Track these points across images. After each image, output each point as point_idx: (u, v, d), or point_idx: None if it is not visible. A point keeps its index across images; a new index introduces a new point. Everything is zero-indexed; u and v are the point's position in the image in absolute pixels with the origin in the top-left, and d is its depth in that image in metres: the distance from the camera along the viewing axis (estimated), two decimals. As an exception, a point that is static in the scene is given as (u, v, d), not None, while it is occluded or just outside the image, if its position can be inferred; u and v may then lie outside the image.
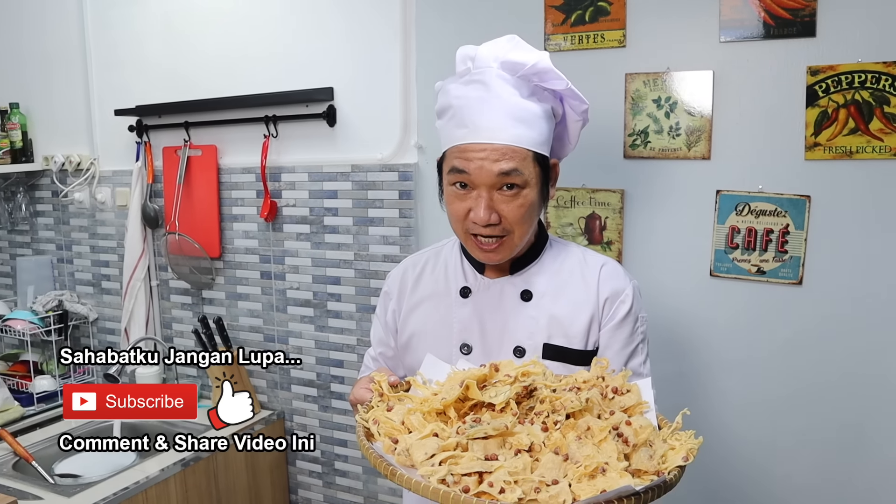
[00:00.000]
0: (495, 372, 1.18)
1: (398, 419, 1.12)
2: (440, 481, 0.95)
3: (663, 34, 1.82)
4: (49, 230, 3.06)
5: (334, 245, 2.38)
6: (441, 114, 1.32)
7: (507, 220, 1.25)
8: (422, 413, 1.12)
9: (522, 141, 1.24)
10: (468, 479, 0.95)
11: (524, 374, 1.17)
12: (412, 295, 1.43)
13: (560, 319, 1.32)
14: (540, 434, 1.05)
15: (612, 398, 1.14)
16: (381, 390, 1.21)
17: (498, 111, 1.24)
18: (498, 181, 1.23)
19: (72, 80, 2.85)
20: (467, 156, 1.23)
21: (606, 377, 1.19)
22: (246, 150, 2.49)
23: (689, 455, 1.01)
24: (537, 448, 1.03)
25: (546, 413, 1.09)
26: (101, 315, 2.98)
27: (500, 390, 1.13)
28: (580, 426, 1.06)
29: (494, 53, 1.27)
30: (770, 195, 1.75)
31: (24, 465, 2.18)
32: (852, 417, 1.74)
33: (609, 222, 1.93)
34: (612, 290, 1.33)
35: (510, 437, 1.04)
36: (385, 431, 1.11)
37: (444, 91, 1.32)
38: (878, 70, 1.61)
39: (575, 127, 1.40)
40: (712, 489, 1.89)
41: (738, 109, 1.76)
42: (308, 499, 2.60)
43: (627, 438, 1.03)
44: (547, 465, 0.99)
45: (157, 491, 2.11)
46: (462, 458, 1.00)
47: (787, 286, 1.76)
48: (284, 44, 2.39)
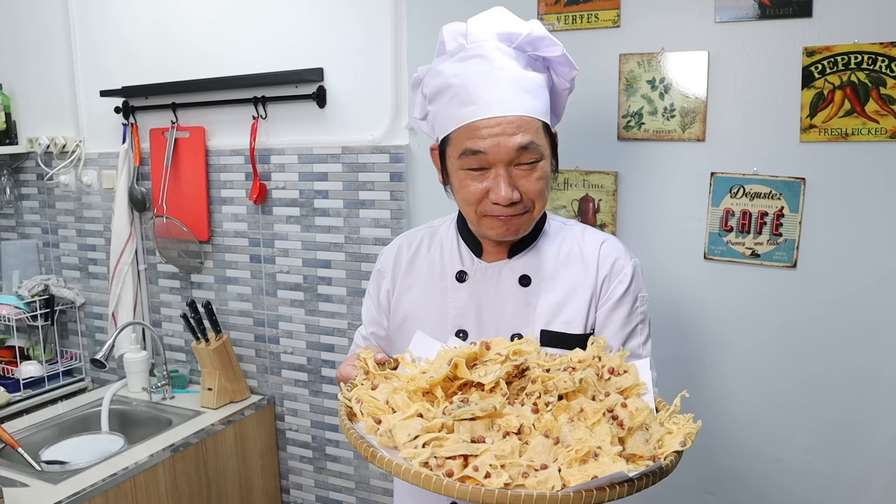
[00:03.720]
0: (486, 350, 1.14)
1: (382, 398, 1.07)
2: (423, 464, 0.91)
3: (658, 14, 1.79)
4: (34, 214, 3.02)
5: (325, 228, 2.36)
6: (435, 97, 1.27)
7: (528, 195, 1.22)
8: (407, 393, 1.07)
9: (532, 111, 1.21)
10: (452, 463, 0.91)
11: (516, 353, 1.12)
12: (407, 275, 1.40)
13: (559, 304, 1.29)
14: (530, 416, 1.00)
15: (608, 379, 1.10)
16: (367, 368, 1.17)
17: (505, 83, 1.20)
18: (516, 157, 1.19)
19: (56, 61, 2.80)
20: (480, 133, 1.19)
21: (603, 357, 1.15)
22: (234, 131, 2.46)
23: (687, 440, 0.97)
24: (527, 430, 0.99)
25: (538, 394, 1.05)
26: (88, 300, 2.94)
27: (489, 369, 1.08)
28: (573, 408, 1.02)
29: (488, 26, 1.24)
30: (765, 177, 1.74)
31: (10, 451, 2.16)
32: (846, 401, 1.74)
33: (603, 205, 1.91)
34: (610, 268, 1.30)
35: (498, 419, 1.00)
36: (368, 411, 1.06)
37: (435, 72, 1.27)
38: (875, 51, 1.60)
39: (563, 96, 1.37)
40: (706, 471, 1.89)
41: (733, 91, 1.75)
42: (299, 484, 2.59)
43: (622, 421, 0.99)
44: (536, 449, 0.95)
45: (146, 477, 2.09)
46: (447, 440, 0.95)
47: (781, 269, 1.75)
48: (274, 23, 2.35)
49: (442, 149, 1.29)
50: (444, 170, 1.30)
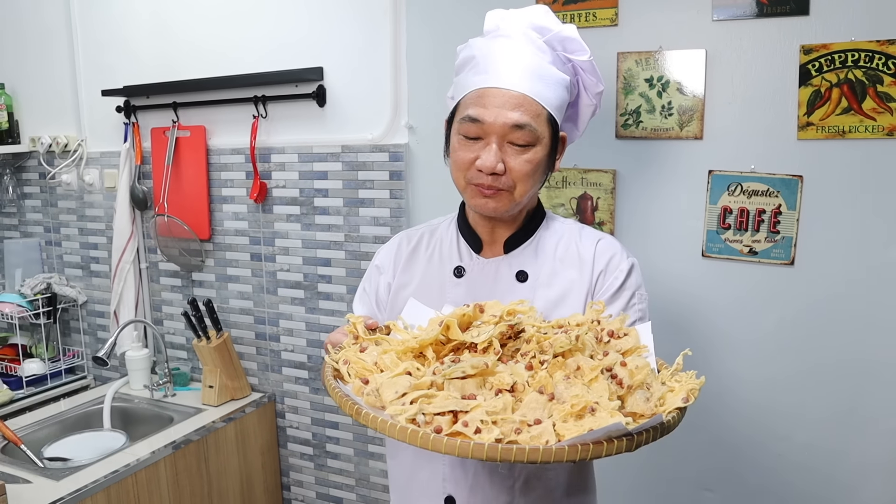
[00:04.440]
0: (480, 313, 1.10)
1: (371, 360, 1.03)
2: (410, 420, 0.86)
3: (656, 13, 1.80)
4: (37, 212, 3.03)
5: (325, 226, 2.37)
6: (461, 68, 1.33)
7: (513, 172, 1.23)
8: (396, 353, 1.02)
9: (539, 96, 1.23)
10: (441, 420, 0.86)
11: (510, 313, 1.09)
12: (405, 271, 1.40)
13: (555, 302, 1.30)
14: (524, 373, 0.95)
15: (607, 342, 1.06)
16: (357, 332, 1.13)
17: (520, 62, 1.24)
18: (510, 133, 1.22)
19: (58, 60, 2.82)
20: (484, 101, 1.22)
21: (602, 321, 1.12)
22: (235, 130, 2.47)
23: (690, 396, 0.93)
24: (520, 388, 0.94)
25: (532, 353, 1.00)
26: (91, 298, 2.96)
27: (482, 330, 1.04)
28: (569, 365, 0.96)
29: (525, 16, 1.31)
30: (762, 175, 1.74)
31: (13, 448, 2.17)
32: (845, 396, 1.74)
33: (601, 203, 1.92)
34: (606, 264, 1.31)
35: (490, 377, 0.95)
36: (356, 372, 1.02)
37: (467, 46, 1.33)
38: (872, 49, 1.60)
39: (586, 112, 1.41)
40: (705, 467, 1.89)
41: (730, 89, 1.75)
42: (300, 481, 2.60)
43: (622, 380, 0.94)
44: (530, 405, 0.89)
45: (148, 474, 2.10)
46: (436, 397, 0.90)
47: (779, 266, 1.76)
48: (274, 23, 2.36)
49: (451, 119, 1.32)
50: (448, 140, 1.33)
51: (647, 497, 1.96)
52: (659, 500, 1.94)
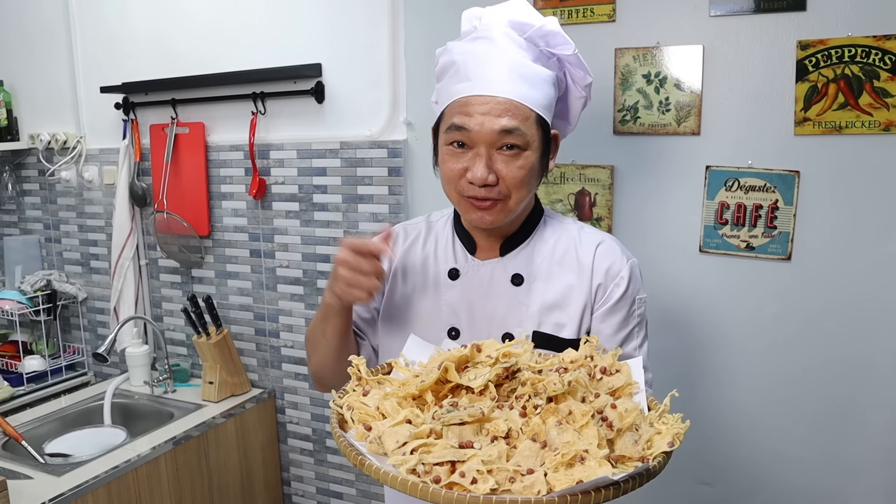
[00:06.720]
0: (477, 353, 1.12)
1: (373, 405, 1.07)
2: (410, 471, 0.91)
3: (653, 8, 1.80)
4: (36, 209, 3.03)
5: (324, 223, 2.37)
6: (441, 74, 1.27)
7: (506, 181, 1.19)
8: (397, 399, 1.07)
9: (526, 99, 1.19)
10: (440, 469, 0.91)
11: (505, 356, 1.11)
12: (400, 264, 1.38)
13: (552, 306, 1.27)
14: (518, 420, 1.00)
15: (600, 379, 1.09)
16: (359, 374, 1.16)
17: (503, 65, 1.19)
18: (498, 139, 1.17)
19: (57, 57, 2.82)
20: (468, 110, 1.18)
21: (595, 357, 1.14)
22: (234, 127, 2.47)
23: (675, 440, 0.97)
24: (515, 434, 0.99)
25: (527, 396, 1.04)
26: (90, 294, 2.96)
27: (479, 372, 1.07)
28: (562, 410, 1.01)
29: (503, 13, 1.25)
30: (759, 171, 1.75)
31: (13, 444, 2.18)
32: (841, 391, 1.75)
33: (599, 198, 1.93)
34: (606, 273, 1.27)
35: (487, 423, 1.00)
36: (359, 418, 1.06)
37: (446, 51, 1.28)
38: (868, 44, 1.60)
39: (576, 105, 1.36)
40: (702, 462, 1.91)
41: (727, 84, 1.75)
42: (300, 476, 2.61)
43: (612, 423, 0.98)
44: (523, 453, 0.94)
45: (148, 469, 2.11)
46: (435, 446, 0.95)
47: (775, 262, 1.77)
48: (272, 19, 2.36)
49: (437, 127, 1.28)
50: (436, 149, 1.28)
51: (644, 490, 1.97)
52: (657, 493, 1.95)
